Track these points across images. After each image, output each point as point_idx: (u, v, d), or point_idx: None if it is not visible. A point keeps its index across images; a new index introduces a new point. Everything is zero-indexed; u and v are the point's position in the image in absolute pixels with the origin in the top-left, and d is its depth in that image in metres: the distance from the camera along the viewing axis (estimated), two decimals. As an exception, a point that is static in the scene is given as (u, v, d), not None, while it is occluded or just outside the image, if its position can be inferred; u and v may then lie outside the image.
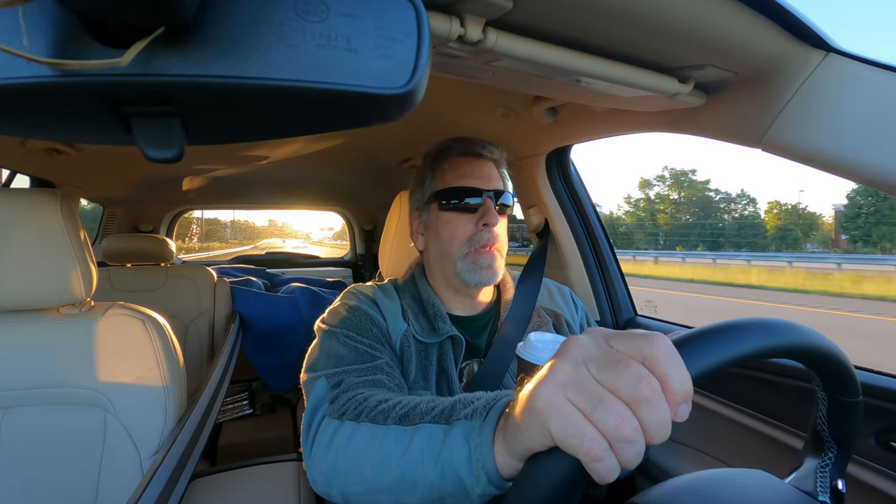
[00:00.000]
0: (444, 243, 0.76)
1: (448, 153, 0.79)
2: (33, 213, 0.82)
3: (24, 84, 0.19)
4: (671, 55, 0.59)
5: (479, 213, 0.75)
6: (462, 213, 0.76)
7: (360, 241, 2.98)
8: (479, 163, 0.78)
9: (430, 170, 0.80)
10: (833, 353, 0.37)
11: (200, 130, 0.24)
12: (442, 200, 0.76)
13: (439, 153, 0.80)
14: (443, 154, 0.80)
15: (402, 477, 0.45)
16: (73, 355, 0.85)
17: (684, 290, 13.94)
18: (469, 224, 0.75)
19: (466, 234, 0.75)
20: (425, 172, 0.81)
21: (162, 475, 0.79)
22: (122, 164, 1.63)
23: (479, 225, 0.74)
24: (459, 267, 0.74)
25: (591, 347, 0.32)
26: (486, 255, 0.74)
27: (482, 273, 0.74)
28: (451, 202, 0.76)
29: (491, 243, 0.74)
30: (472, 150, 0.78)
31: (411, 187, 0.85)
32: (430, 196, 0.79)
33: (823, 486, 0.42)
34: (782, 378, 0.79)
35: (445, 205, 0.76)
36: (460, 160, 0.78)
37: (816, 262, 19.48)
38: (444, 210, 0.76)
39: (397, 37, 0.21)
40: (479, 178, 0.76)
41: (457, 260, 0.75)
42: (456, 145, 0.79)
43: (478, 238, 0.74)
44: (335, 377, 0.61)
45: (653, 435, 0.29)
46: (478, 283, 0.74)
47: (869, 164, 0.53)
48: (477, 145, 0.79)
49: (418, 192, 0.82)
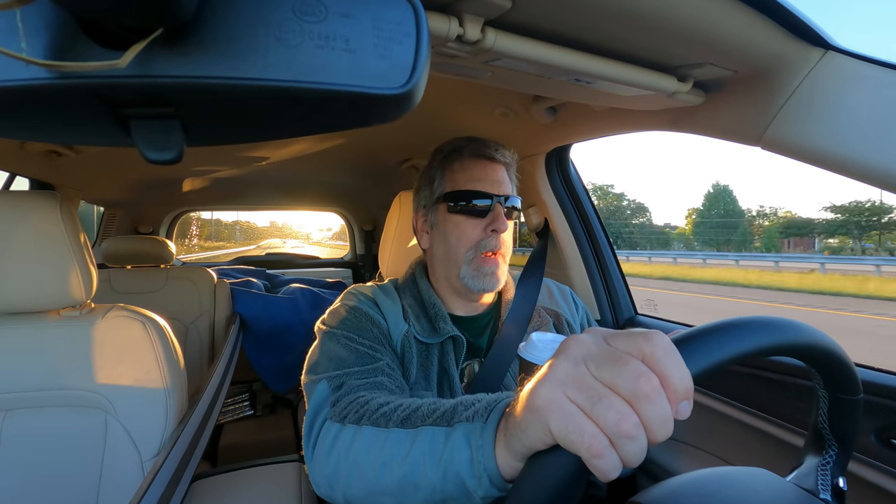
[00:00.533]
0: (451, 246, 0.75)
1: (460, 154, 0.78)
2: (33, 216, 0.82)
3: (23, 86, 0.19)
4: (670, 54, 0.59)
5: (489, 218, 0.74)
6: (471, 216, 0.75)
7: (359, 241, 2.97)
8: (491, 166, 0.77)
9: (440, 169, 0.79)
10: (833, 350, 0.37)
11: (199, 132, 0.24)
12: (451, 202, 0.76)
13: (451, 152, 0.79)
14: (454, 154, 0.78)
15: (405, 479, 0.45)
16: (73, 357, 0.85)
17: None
18: (477, 228, 0.74)
19: (474, 239, 0.74)
20: (435, 170, 0.80)
21: (163, 477, 0.79)
22: (121, 165, 1.62)
23: (488, 230, 0.74)
24: (464, 272, 0.74)
25: (590, 346, 0.32)
26: (490, 263, 0.74)
27: (485, 280, 0.73)
28: (460, 205, 0.75)
29: (497, 249, 0.74)
30: (485, 152, 0.77)
31: (417, 183, 0.84)
32: (439, 196, 0.78)
33: (825, 484, 0.42)
34: (783, 376, 0.78)
35: (455, 207, 0.75)
36: (472, 162, 0.77)
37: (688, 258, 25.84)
38: (453, 212, 0.76)
39: (396, 37, 0.21)
40: (490, 182, 0.75)
41: (462, 264, 0.74)
42: (469, 146, 0.78)
43: (485, 244, 0.74)
44: (336, 380, 0.61)
45: (654, 431, 0.29)
46: (481, 289, 0.74)
47: (868, 162, 0.53)
48: (490, 148, 0.78)
49: (426, 190, 0.81)
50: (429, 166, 0.82)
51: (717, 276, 17.05)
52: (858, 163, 0.54)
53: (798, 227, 42.38)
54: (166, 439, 0.87)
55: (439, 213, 0.78)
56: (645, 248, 48.76)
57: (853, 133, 0.54)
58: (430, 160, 0.82)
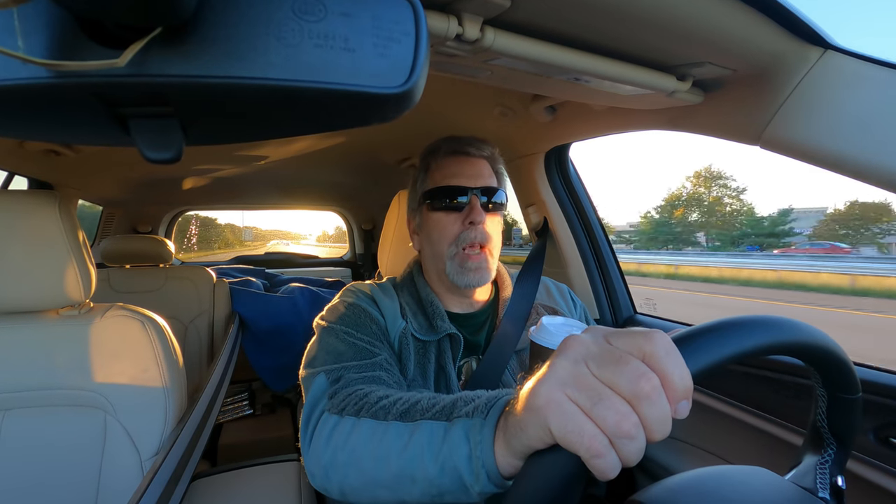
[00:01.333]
0: (434, 244, 0.76)
1: (437, 153, 0.79)
2: (32, 215, 0.82)
3: (21, 85, 0.19)
4: (669, 53, 0.59)
5: (465, 211, 0.74)
6: (450, 212, 0.75)
7: (359, 240, 2.97)
8: (468, 161, 0.77)
9: (422, 171, 0.80)
10: (832, 349, 0.37)
11: (198, 131, 0.24)
12: (430, 200, 0.77)
13: (430, 153, 0.80)
14: (433, 154, 0.79)
15: (402, 472, 0.45)
16: (72, 357, 0.84)
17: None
18: (456, 223, 0.75)
19: (454, 234, 0.74)
20: (418, 173, 0.81)
21: (162, 476, 0.79)
22: (120, 165, 1.62)
23: (466, 223, 0.74)
24: (448, 268, 0.74)
25: (591, 345, 0.32)
26: (474, 258, 0.73)
27: (470, 276, 0.73)
28: (438, 202, 0.76)
29: (480, 242, 0.74)
30: (460, 148, 0.78)
31: (409, 187, 0.85)
32: (421, 196, 0.79)
33: (823, 483, 0.42)
34: (781, 375, 0.79)
35: (433, 205, 0.76)
36: (449, 160, 0.77)
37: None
38: (433, 210, 0.76)
39: (395, 36, 0.21)
40: (467, 176, 0.76)
41: (445, 260, 0.75)
42: (445, 145, 0.79)
43: (465, 237, 0.73)
44: (334, 373, 0.61)
45: (653, 431, 0.29)
46: (466, 285, 0.74)
47: (867, 161, 0.53)
48: (465, 143, 0.78)
49: (413, 193, 0.83)
50: (416, 169, 0.83)
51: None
52: (857, 162, 0.54)
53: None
54: (165, 439, 0.87)
55: (423, 213, 0.79)
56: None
57: (852, 132, 0.54)
58: (418, 163, 0.84)
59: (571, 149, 1.24)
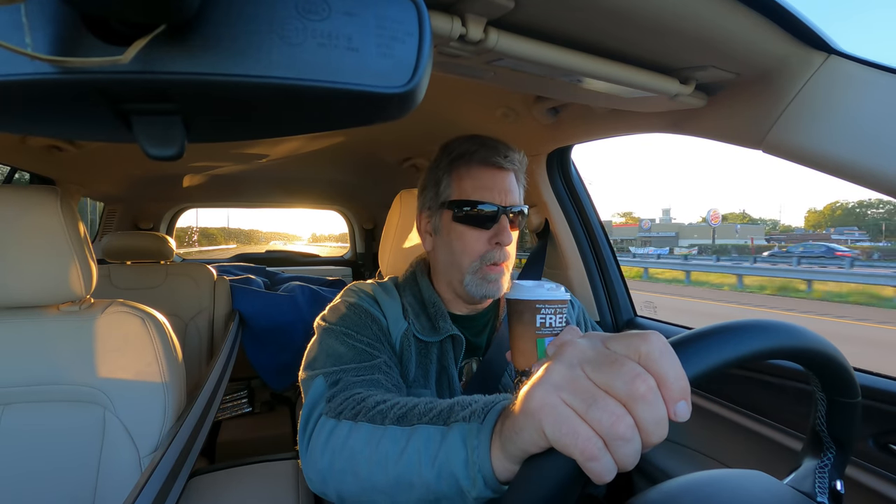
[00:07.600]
0: (455, 255, 0.74)
1: (469, 160, 0.74)
2: (33, 211, 0.82)
3: (26, 81, 0.19)
4: (673, 56, 0.59)
5: (494, 230, 0.72)
6: (476, 228, 0.72)
7: (360, 239, 2.97)
8: (500, 174, 0.74)
9: (447, 172, 0.76)
10: (831, 354, 0.37)
11: (201, 128, 0.24)
12: (456, 209, 0.73)
13: (459, 156, 0.75)
14: (463, 159, 0.74)
15: (399, 478, 0.45)
16: (72, 352, 0.85)
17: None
18: (482, 240, 0.72)
19: (478, 251, 0.72)
20: (441, 172, 0.76)
21: (161, 472, 0.79)
22: (122, 161, 1.62)
23: (492, 243, 0.72)
24: (467, 280, 0.73)
25: (586, 350, 0.32)
26: (495, 271, 0.72)
27: (489, 287, 0.72)
28: (466, 214, 0.72)
29: (502, 261, 0.73)
30: (494, 160, 0.73)
31: (422, 182, 0.81)
32: (444, 201, 0.75)
33: (822, 487, 0.42)
34: (781, 379, 0.79)
35: (460, 215, 0.73)
36: (481, 170, 0.73)
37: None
38: (458, 221, 0.73)
39: (398, 36, 0.21)
40: (498, 191, 0.73)
41: (466, 274, 0.73)
42: (479, 152, 0.73)
43: (489, 256, 0.72)
44: (333, 376, 0.61)
45: (649, 433, 0.29)
46: (483, 296, 0.73)
47: (870, 167, 0.53)
48: (500, 155, 0.73)
49: (431, 192, 0.78)
50: (435, 166, 0.78)
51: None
52: (860, 167, 0.54)
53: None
54: (164, 435, 0.87)
55: (444, 219, 0.76)
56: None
57: (855, 137, 0.54)
58: (436, 159, 0.79)
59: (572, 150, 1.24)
